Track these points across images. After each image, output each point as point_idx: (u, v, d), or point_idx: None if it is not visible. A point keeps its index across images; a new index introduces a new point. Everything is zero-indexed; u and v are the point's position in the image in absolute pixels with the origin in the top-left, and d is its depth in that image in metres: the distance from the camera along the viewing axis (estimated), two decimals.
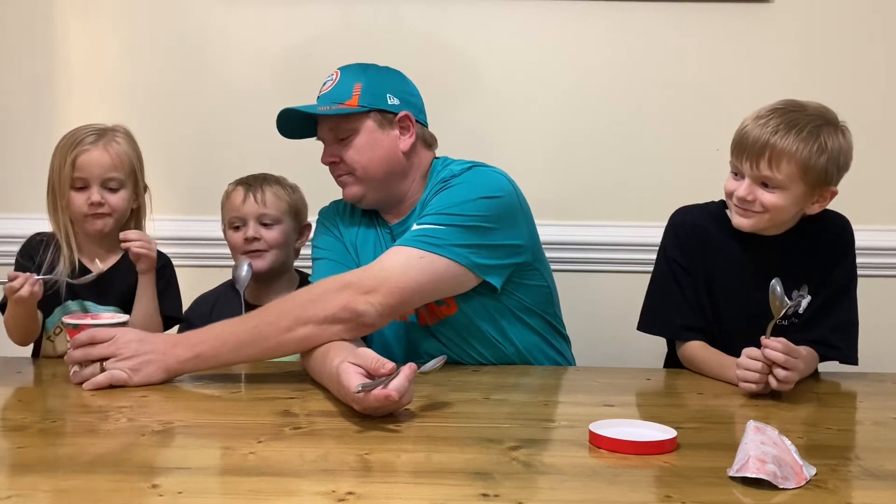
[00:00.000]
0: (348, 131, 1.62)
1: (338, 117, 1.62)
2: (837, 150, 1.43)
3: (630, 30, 2.17)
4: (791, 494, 0.92)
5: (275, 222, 1.82)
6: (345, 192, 1.66)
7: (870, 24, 2.16)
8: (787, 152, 1.40)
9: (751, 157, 1.43)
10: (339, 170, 1.65)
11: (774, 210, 1.45)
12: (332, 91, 1.64)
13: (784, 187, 1.43)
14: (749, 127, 1.45)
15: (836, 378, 1.56)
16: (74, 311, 1.66)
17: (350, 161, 1.62)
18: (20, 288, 1.51)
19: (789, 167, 1.41)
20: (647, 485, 0.96)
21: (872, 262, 2.14)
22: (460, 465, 1.00)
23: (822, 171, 1.42)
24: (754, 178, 1.45)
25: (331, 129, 1.64)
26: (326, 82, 1.66)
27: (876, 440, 1.16)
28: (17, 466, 1.02)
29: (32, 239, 1.70)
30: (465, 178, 1.58)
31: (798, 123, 1.42)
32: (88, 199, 1.63)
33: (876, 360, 1.73)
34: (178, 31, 2.20)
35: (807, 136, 1.41)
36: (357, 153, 1.62)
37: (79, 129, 1.66)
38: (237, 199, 1.82)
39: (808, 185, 1.44)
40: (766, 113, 1.45)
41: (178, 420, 1.22)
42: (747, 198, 1.46)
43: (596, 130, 2.18)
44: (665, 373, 1.65)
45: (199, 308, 1.86)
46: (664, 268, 1.62)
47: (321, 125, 1.65)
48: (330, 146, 1.65)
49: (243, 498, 0.91)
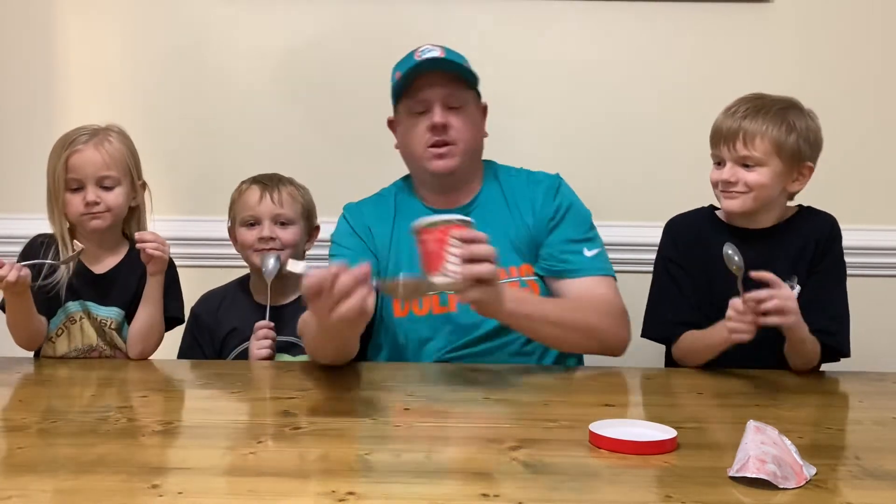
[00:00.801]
0: (462, 100, 1.61)
1: (458, 82, 1.60)
2: (805, 128, 1.55)
3: (629, 29, 2.17)
4: (791, 494, 0.92)
5: (290, 223, 1.82)
6: (438, 164, 1.61)
7: (869, 23, 2.16)
8: (759, 131, 1.52)
9: (727, 141, 1.55)
10: (443, 137, 1.59)
11: (758, 187, 1.54)
12: (451, 57, 1.59)
13: (763, 164, 1.53)
14: (721, 119, 1.58)
15: (836, 378, 1.56)
16: (75, 312, 1.65)
17: (459, 131, 1.60)
18: (6, 276, 1.49)
19: (763, 144, 1.52)
20: (647, 485, 0.96)
21: (872, 262, 2.15)
22: (460, 465, 1.00)
23: (795, 147, 1.54)
24: (734, 159, 1.55)
25: (450, 92, 1.60)
26: (430, 50, 1.60)
27: (876, 440, 1.16)
28: (17, 466, 1.02)
29: (34, 241, 1.69)
30: (570, 191, 1.70)
31: (765, 107, 1.55)
32: (84, 199, 1.61)
33: (875, 360, 1.73)
34: (179, 31, 2.20)
35: (774, 117, 1.53)
36: (465, 125, 1.61)
37: (72, 130, 1.65)
38: (253, 198, 1.81)
39: (784, 162, 1.54)
40: (734, 104, 1.58)
41: (178, 420, 1.22)
42: (731, 179, 1.55)
43: (595, 130, 2.18)
44: (665, 373, 1.65)
45: (207, 303, 1.86)
46: (661, 269, 1.67)
47: (434, 86, 1.59)
48: (439, 111, 1.59)
49: (244, 498, 0.91)
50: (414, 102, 1.61)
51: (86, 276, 1.66)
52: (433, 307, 1.62)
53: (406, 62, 1.62)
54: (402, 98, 1.63)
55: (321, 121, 2.21)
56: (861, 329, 1.60)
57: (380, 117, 1.73)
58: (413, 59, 1.60)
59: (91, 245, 1.66)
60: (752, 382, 1.47)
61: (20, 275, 1.51)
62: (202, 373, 1.60)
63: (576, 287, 1.60)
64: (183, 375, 1.62)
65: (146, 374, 1.58)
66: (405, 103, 1.63)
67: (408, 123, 1.63)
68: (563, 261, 1.62)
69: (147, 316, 1.65)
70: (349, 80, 2.19)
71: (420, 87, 1.60)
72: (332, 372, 1.51)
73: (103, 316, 1.66)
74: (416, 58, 1.60)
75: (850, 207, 1.63)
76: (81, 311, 1.66)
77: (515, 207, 1.67)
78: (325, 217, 1.90)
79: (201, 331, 1.83)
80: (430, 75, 1.59)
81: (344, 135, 2.20)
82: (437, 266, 1.29)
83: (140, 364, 1.63)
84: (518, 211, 1.67)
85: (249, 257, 1.81)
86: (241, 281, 1.90)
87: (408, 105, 1.62)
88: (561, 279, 1.61)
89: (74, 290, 1.65)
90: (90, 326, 1.66)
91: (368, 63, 2.17)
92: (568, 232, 1.65)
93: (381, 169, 1.80)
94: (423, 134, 1.60)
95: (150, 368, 1.61)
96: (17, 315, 1.59)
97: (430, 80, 1.59)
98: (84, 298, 1.66)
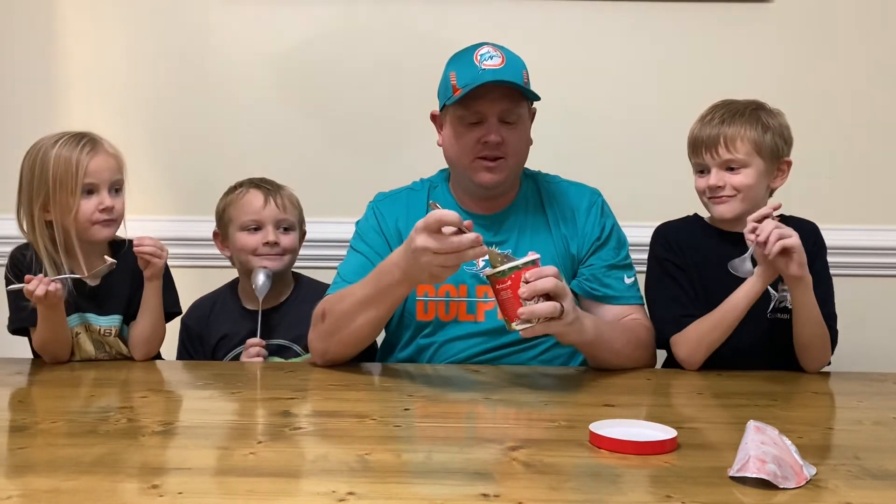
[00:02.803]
0: (516, 116, 1.56)
1: (516, 96, 1.54)
2: (778, 125, 1.60)
3: (629, 29, 2.17)
4: (791, 494, 0.92)
5: (291, 228, 1.82)
6: (487, 177, 1.58)
7: (869, 23, 2.16)
8: (739, 134, 1.57)
9: (709, 148, 1.59)
10: (493, 151, 1.56)
11: (745, 189, 1.58)
12: (511, 67, 1.54)
13: (746, 164, 1.57)
14: (697, 128, 1.63)
15: (836, 378, 1.56)
16: (73, 326, 1.60)
17: (512, 146, 1.56)
18: (34, 290, 1.46)
19: (744, 146, 1.57)
20: (647, 485, 0.96)
21: (872, 262, 2.15)
22: (460, 465, 1.00)
23: (773, 145, 1.58)
24: (719, 164, 1.58)
25: (508, 108, 1.55)
26: (491, 56, 1.54)
27: (876, 440, 1.16)
28: (17, 467, 1.01)
29: (16, 256, 1.61)
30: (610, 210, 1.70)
31: (738, 111, 1.59)
32: (100, 203, 1.57)
33: (876, 360, 1.74)
34: (178, 32, 2.20)
35: (749, 118, 1.58)
36: (519, 141, 1.59)
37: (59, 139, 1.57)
38: (256, 202, 1.80)
39: (765, 160, 1.58)
40: (707, 112, 1.63)
41: (177, 420, 1.22)
42: (719, 184, 1.58)
43: (595, 129, 2.19)
44: (665, 373, 1.65)
45: (196, 311, 1.85)
46: (658, 271, 1.67)
47: (492, 101, 1.53)
48: (494, 125, 1.55)
49: (243, 498, 0.91)
50: (469, 113, 1.56)
51: (82, 289, 1.61)
52: (459, 314, 1.61)
53: (466, 68, 1.54)
54: (456, 104, 1.55)
55: (319, 122, 2.21)
56: (861, 329, 1.60)
57: (380, 118, 1.73)
58: (473, 64, 1.54)
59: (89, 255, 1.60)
60: (752, 383, 1.47)
61: (49, 289, 1.48)
62: (202, 373, 1.60)
63: (615, 313, 1.62)
64: (183, 376, 1.62)
65: (146, 374, 1.57)
66: (458, 110, 1.56)
67: (458, 130, 1.58)
68: (605, 285, 1.63)
69: (148, 321, 1.64)
70: (347, 82, 2.19)
71: (476, 97, 1.53)
72: (332, 372, 1.51)
73: (105, 326, 1.64)
74: (476, 63, 1.53)
75: (852, 207, 1.63)
76: (80, 324, 1.63)
77: (553, 215, 1.67)
78: (324, 217, 1.90)
79: (192, 340, 1.83)
80: (490, 88, 1.52)
81: (342, 136, 2.20)
82: (515, 315, 1.28)
83: (140, 364, 1.63)
84: (556, 218, 1.66)
85: (249, 262, 1.79)
86: (231, 286, 1.89)
87: (461, 113, 1.56)
88: (602, 304, 1.62)
89: (72, 304, 1.60)
90: (87, 341, 1.63)
91: (368, 64, 2.17)
92: (611, 255, 1.66)
93: (380, 170, 1.81)
94: (474, 144, 1.56)
95: (150, 369, 1.61)
96: (50, 331, 1.55)
97: (489, 94, 1.53)
98: (84, 310, 1.63)
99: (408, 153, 2.11)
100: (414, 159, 1.82)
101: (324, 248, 2.06)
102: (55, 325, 1.55)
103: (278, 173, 1.90)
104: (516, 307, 1.28)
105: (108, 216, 1.59)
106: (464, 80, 1.54)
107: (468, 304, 1.61)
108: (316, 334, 1.56)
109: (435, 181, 1.73)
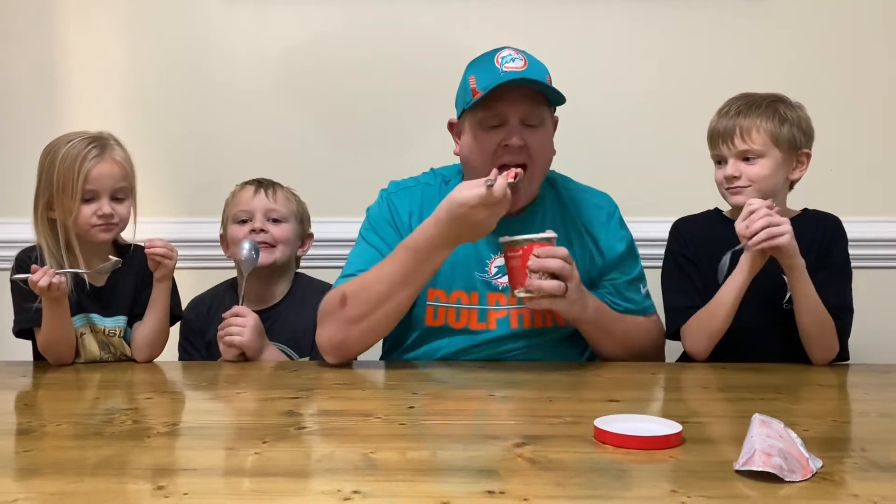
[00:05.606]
0: (539, 118, 1.52)
1: (539, 98, 1.50)
2: (796, 117, 1.60)
3: (629, 28, 2.17)
4: (797, 487, 0.92)
5: (282, 219, 1.81)
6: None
7: (869, 19, 2.15)
8: (755, 125, 1.58)
9: (725, 139, 1.60)
10: (516, 157, 1.50)
11: (761, 179, 1.58)
12: (534, 69, 1.49)
13: (763, 155, 1.58)
14: (715, 120, 1.64)
15: (841, 370, 1.56)
16: (79, 327, 1.60)
17: (534, 151, 1.51)
18: (38, 281, 1.47)
19: (760, 136, 1.57)
20: (652, 480, 0.96)
21: (879, 254, 2.14)
22: (465, 463, 1.00)
23: (790, 136, 1.58)
24: (735, 155, 1.59)
25: (530, 110, 1.50)
26: (513, 58, 1.50)
27: (882, 432, 1.15)
28: (23, 469, 1.02)
29: (22, 258, 1.62)
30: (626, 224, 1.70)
31: (755, 103, 1.60)
32: (98, 210, 1.57)
33: (881, 352, 1.73)
34: (179, 32, 2.20)
35: (766, 110, 1.59)
36: (542, 145, 1.54)
37: (72, 139, 1.59)
38: (246, 195, 1.81)
39: (783, 151, 1.58)
40: (725, 105, 1.64)
41: (183, 421, 1.22)
42: (735, 174, 1.59)
43: (596, 128, 2.18)
44: (669, 367, 1.64)
45: (197, 308, 1.85)
46: (671, 265, 1.68)
47: (514, 102, 1.49)
48: (516, 128, 1.50)
49: (249, 498, 0.91)
50: (489, 115, 1.51)
51: (86, 289, 1.62)
52: (470, 322, 1.59)
53: (486, 72, 1.51)
54: (476, 106, 1.51)
55: (322, 122, 2.21)
56: (867, 321, 1.60)
57: (380, 118, 1.73)
58: (494, 67, 1.50)
59: (92, 256, 1.62)
60: (757, 376, 1.47)
61: (52, 281, 1.48)
62: (207, 374, 1.60)
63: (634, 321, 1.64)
64: (188, 377, 1.62)
65: (151, 375, 1.58)
66: (478, 113, 1.52)
67: (479, 134, 1.53)
68: (627, 300, 1.64)
69: (155, 322, 1.64)
70: (349, 82, 2.19)
71: (497, 98, 1.48)
72: (336, 371, 1.52)
73: (110, 327, 1.65)
74: (497, 65, 1.50)
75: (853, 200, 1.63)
76: (85, 324, 1.63)
77: (572, 220, 1.65)
78: (326, 217, 1.90)
79: (193, 335, 1.83)
80: (511, 88, 1.48)
81: (344, 136, 2.20)
82: (520, 282, 1.41)
83: (145, 366, 1.63)
84: (574, 224, 1.65)
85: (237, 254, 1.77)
86: (230, 284, 1.89)
87: (481, 116, 1.52)
88: (622, 315, 1.63)
89: (77, 305, 1.61)
90: (93, 341, 1.64)
91: (368, 64, 2.17)
92: (631, 269, 1.67)
93: (381, 170, 1.80)
94: (495, 149, 1.51)
95: (154, 370, 1.61)
96: (55, 329, 1.55)
97: (510, 95, 1.48)
98: (88, 311, 1.63)
99: (411, 153, 2.10)
100: (417, 158, 1.82)
101: (327, 247, 2.06)
102: (60, 323, 1.55)
103: (280, 173, 1.90)
104: (521, 276, 1.40)
105: (107, 221, 1.59)
106: (484, 82, 1.50)
107: (479, 312, 1.59)
108: (334, 324, 1.50)
109: (447, 175, 1.69)
